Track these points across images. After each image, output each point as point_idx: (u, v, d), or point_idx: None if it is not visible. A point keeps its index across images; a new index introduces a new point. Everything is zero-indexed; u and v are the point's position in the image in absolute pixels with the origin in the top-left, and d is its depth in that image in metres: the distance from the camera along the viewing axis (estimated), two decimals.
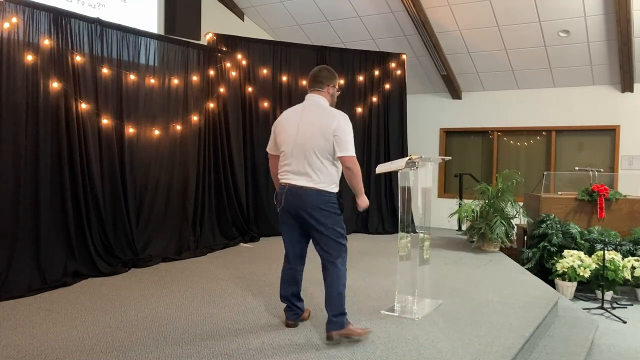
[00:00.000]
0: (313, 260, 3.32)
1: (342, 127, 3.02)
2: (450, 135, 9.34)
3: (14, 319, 3.38)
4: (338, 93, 3.30)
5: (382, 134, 7.63)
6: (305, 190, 3.03)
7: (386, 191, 7.62)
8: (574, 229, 5.75)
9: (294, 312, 3.32)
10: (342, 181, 3.19)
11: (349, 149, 3.00)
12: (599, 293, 5.22)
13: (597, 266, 5.26)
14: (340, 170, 3.12)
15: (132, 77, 5.24)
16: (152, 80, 5.49)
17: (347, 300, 3.11)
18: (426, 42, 7.69)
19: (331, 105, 3.21)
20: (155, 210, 5.54)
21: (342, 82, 7.34)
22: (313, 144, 3.03)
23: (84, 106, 4.76)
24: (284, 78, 7.15)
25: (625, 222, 6.04)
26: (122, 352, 2.81)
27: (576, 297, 5.36)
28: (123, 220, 5.08)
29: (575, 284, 5.32)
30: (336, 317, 3.02)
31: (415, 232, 3.72)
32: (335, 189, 3.10)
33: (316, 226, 3.03)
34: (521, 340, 3.14)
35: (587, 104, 8.08)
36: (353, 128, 3.14)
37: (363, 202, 3.15)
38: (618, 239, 5.66)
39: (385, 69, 7.65)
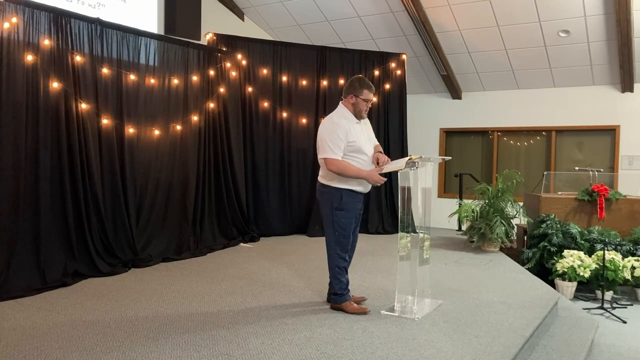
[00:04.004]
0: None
1: (320, 132, 3.53)
2: (450, 135, 9.34)
3: (14, 319, 3.38)
4: (367, 103, 3.62)
5: (382, 134, 7.62)
6: (319, 182, 3.65)
7: (386, 191, 7.61)
8: (574, 229, 5.75)
9: None
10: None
11: (323, 151, 3.47)
12: (599, 293, 5.22)
13: (597, 266, 5.26)
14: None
15: (132, 77, 5.24)
16: (152, 80, 5.49)
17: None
18: (426, 42, 7.69)
19: (355, 113, 3.61)
20: (155, 210, 5.54)
21: (342, 81, 7.36)
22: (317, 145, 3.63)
23: (84, 106, 4.76)
24: (284, 78, 7.15)
25: (625, 222, 6.04)
26: (122, 352, 2.81)
27: (576, 297, 5.36)
28: (123, 220, 5.08)
29: (575, 284, 5.32)
30: (333, 295, 3.61)
31: (415, 232, 3.72)
32: (336, 184, 3.50)
33: (320, 210, 3.66)
34: (521, 340, 3.14)
35: (587, 104, 8.08)
36: None
37: (372, 180, 3.48)
38: (618, 239, 5.65)
39: (385, 69, 7.65)
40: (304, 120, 7.22)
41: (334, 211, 3.50)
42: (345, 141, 3.46)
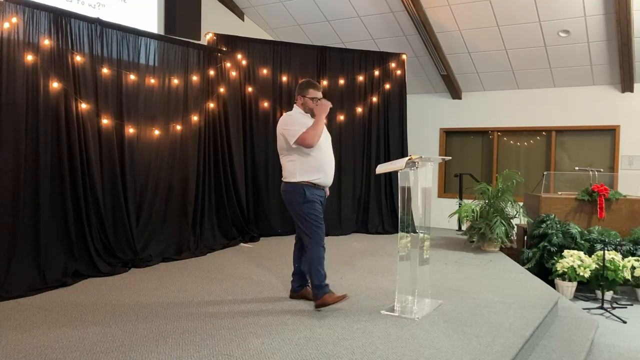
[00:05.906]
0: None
1: (283, 125, 3.69)
2: (450, 135, 9.34)
3: (14, 319, 3.38)
4: (316, 102, 3.76)
5: (382, 134, 7.62)
6: (282, 183, 3.78)
7: (386, 191, 7.61)
8: (574, 229, 5.75)
9: (295, 282, 3.97)
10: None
11: (293, 136, 3.60)
12: (599, 293, 5.22)
13: (597, 266, 5.26)
14: (302, 161, 3.64)
15: (132, 77, 5.24)
16: (152, 80, 5.49)
17: (348, 300, 3.63)
18: (426, 42, 7.69)
19: (308, 112, 3.78)
20: (155, 210, 5.54)
21: (342, 81, 7.37)
22: (278, 146, 3.79)
23: (84, 106, 4.76)
24: (284, 78, 7.15)
25: (625, 222, 6.04)
26: (122, 352, 2.81)
27: (576, 297, 5.36)
28: (123, 220, 5.08)
29: (575, 284, 5.32)
30: (313, 288, 3.66)
31: (415, 232, 3.72)
32: (296, 178, 3.64)
33: (289, 209, 3.75)
34: (521, 340, 3.14)
35: (587, 104, 8.08)
36: (353, 128, 3.59)
37: (325, 108, 3.71)
38: (618, 239, 5.65)
39: (385, 69, 7.65)
40: None
41: (302, 205, 3.64)
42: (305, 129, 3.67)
